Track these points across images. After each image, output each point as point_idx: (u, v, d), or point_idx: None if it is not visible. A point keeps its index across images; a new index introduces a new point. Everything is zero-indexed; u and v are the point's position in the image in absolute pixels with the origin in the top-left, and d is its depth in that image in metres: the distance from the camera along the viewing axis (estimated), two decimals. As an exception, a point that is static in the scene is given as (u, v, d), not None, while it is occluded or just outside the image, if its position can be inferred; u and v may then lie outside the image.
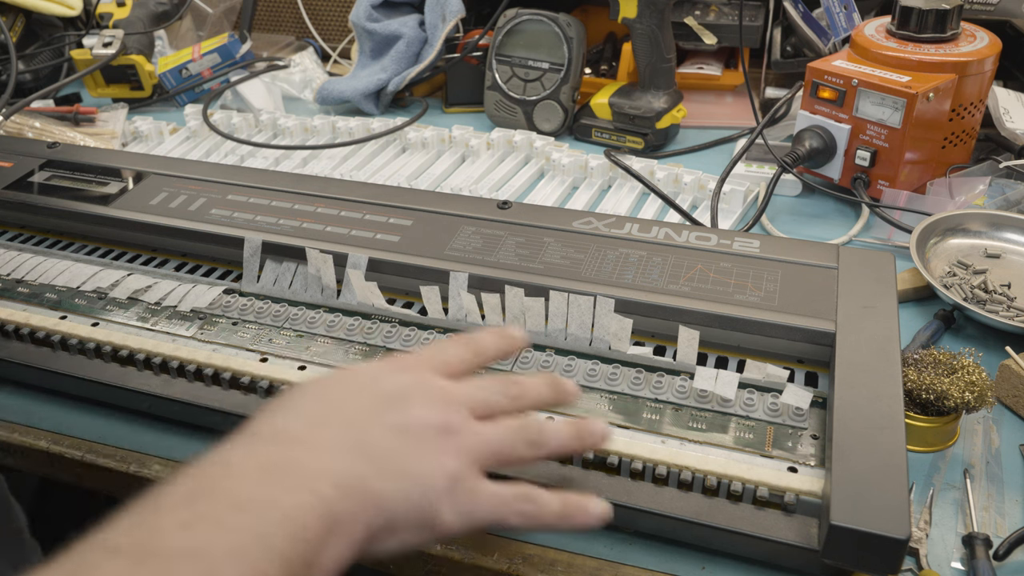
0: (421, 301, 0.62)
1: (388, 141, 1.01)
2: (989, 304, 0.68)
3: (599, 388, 0.56)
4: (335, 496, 0.36)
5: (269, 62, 1.20)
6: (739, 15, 1.01)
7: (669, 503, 0.49)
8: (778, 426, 0.52)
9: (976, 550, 0.49)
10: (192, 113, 1.07)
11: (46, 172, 0.78)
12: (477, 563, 0.50)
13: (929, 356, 0.58)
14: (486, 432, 0.42)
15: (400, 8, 1.15)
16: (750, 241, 0.64)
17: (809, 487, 0.48)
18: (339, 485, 0.36)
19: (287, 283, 0.66)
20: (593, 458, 0.51)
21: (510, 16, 1.02)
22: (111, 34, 1.12)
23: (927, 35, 0.82)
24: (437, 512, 0.38)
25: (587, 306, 0.58)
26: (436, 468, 0.39)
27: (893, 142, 0.80)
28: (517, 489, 0.41)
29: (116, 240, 0.74)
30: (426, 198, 0.71)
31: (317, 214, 0.69)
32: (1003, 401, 0.61)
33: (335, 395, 0.41)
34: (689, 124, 1.06)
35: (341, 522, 0.35)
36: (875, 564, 0.43)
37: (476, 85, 1.10)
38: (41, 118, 1.04)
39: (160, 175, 0.76)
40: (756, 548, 0.48)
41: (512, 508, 0.40)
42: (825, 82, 0.83)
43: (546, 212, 0.69)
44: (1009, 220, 0.76)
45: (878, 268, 0.60)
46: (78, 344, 0.61)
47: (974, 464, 0.56)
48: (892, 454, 0.46)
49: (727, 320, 0.57)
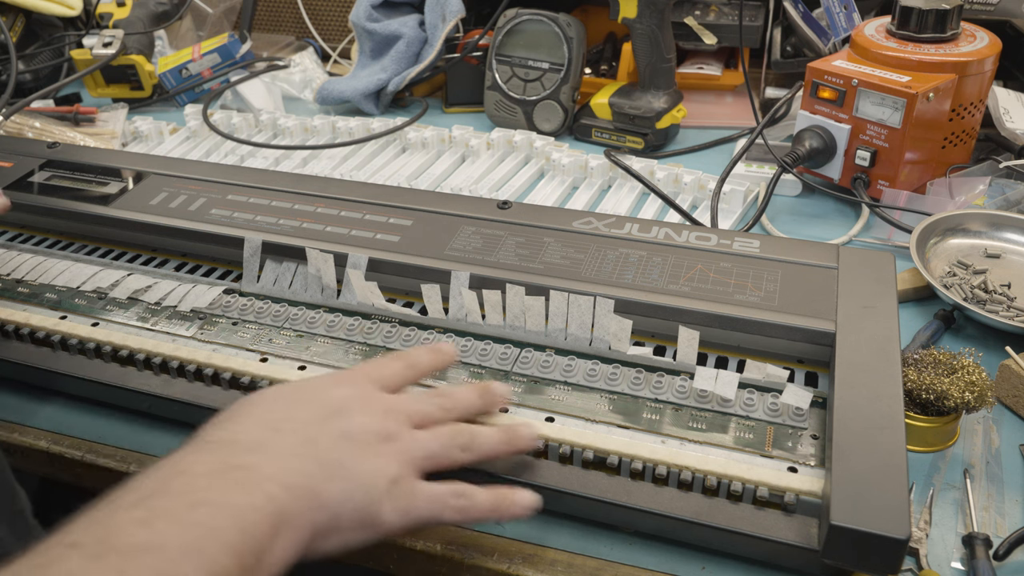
0: (421, 301, 0.62)
1: (388, 141, 1.01)
2: (989, 304, 0.68)
3: (599, 388, 0.56)
4: (284, 497, 0.38)
5: (269, 62, 1.20)
6: (739, 15, 1.01)
7: (669, 503, 0.49)
8: (778, 426, 0.52)
9: (976, 550, 0.49)
10: (192, 113, 1.07)
11: (46, 172, 0.78)
12: (477, 563, 0.50)
13: (929, 356, 0.58)
14: (422, 438, 0.45)
15: (400, 8, 1.15)
16: (750, 241, 0.64)
17: (809, 487, 0.48)
18: (287, 486, 0.39)
19: (287, 283, 0.66)
20: (593, 458, 0.51)
21: (510, 16, 1.02)
22: (111, 34, 1.12)
23: (927, 35, 0.82)
24: (378, 512, 0.41)
25: (587, 306, 0.58)
26: (377, 471, 0.42)
27: (893, 142, 0.80)
28: (452, 487, 0.44)
29: (116, 240, 0.74)
30: (426, 198, 0.71)
31: (317, 214, 0.69)
32: (1003, 401, 0.61)
33: (282, 406, 0.44)
34: (689, 124, 1.06)
35: (289, 521, 0.38)
36: (875, 564, 0.43)
37: (476, 85, 1.10)
38: (41, 118, 1.05)
39: (160, 175, 0.76)
40: (756, 548, 0.48)
41: (448, 504, 0.44)
42: (825, 82, 0.83)
43: (546, 212, 0.69)
44: (1009, 220, 0.76)
45: (878, 268, 0.60)
46: (78, 344, 0.61)
47: (974, 464, 0.56)
48: (892, 454, 0.46)
49: (727, 320, 0.57)
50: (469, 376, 0.57)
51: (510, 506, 0.45)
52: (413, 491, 0.43)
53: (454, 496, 0.44)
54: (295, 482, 0.39)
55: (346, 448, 0.42)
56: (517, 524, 0.52)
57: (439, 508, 0.44)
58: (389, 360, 0.50)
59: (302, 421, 0.43)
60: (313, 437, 0.42)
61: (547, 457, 0.52)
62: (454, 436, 0.46)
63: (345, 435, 0.43)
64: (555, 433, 0.51)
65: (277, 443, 0.41)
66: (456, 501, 0.44)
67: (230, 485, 0.38)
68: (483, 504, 0.45)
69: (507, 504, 0.45)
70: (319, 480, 0.40)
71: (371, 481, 0.42)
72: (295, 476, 0.40)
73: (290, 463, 0.40)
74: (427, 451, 0.45)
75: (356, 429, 0.43)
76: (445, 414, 0.48)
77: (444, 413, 0.48)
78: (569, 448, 0.51)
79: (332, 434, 0.43)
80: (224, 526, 0.36)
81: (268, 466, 0.39)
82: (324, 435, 0.42)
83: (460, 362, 0.58)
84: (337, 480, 0.41)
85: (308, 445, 0.41)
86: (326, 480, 0.40)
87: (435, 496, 0.44)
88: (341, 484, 0.41)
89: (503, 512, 0.45)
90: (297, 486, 0.39)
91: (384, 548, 0.52)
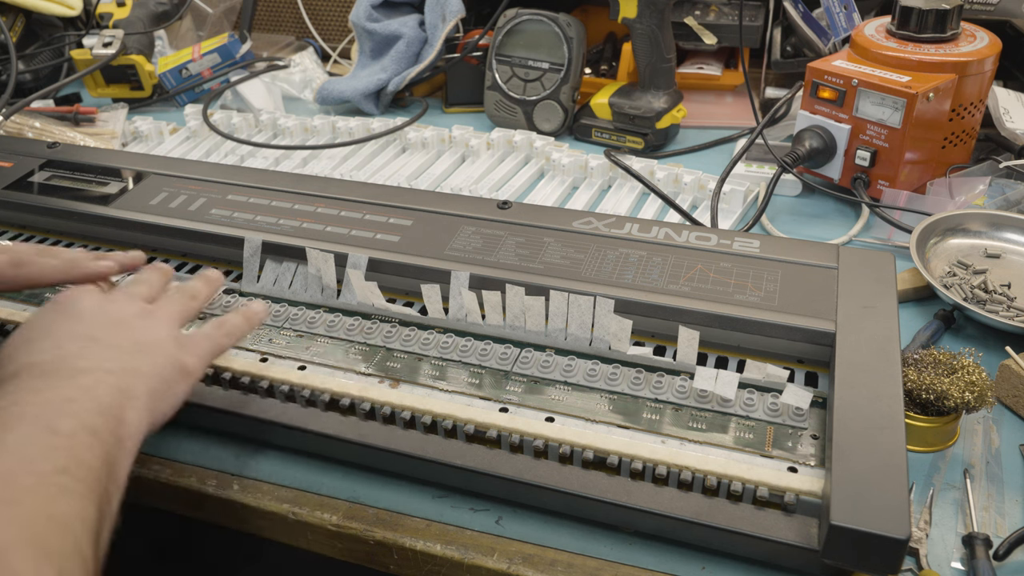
0: (421, 301, 0.62)
1: (388, 141, 1.01)
2: (989, 304, 0.68)
3: (599, 388, 0.56)
4: (113, 379, 0.46)
5: (269, 62, 1.20)
6: (739, 15, 1.01)
7: (669, 503, 0.49)
8: (778, 426, 0.52)
9: (976, 550, 0.49)
10: (192, 113, 1.07)
11: (46, 172, 0.78)
12: (477, 563, 0.50)
13: (929, 356, 0.58)
14: (164, 301, 0.55)
15: (400, 8, 1.15)
16: (750, 241, 0.64)
17: (809, 487, 0.48)
18: (110, 371, 0.46)
19: (287, 283, 0.66)
20: (593, 458, 0.51)
21: (510, 16, 1.02)
22: (111, 34, 1.12)
23: (927, 35, 0.82)
24: (181, 361, 0.50)
25: (587, 306, 0.58)
26: (161, 338, 0.51)
27: (893, 142, 0.80)
28: (211, 323, 0.55)
29: (116, 240, 0.74)
30: (426, 198, 0.71)
31: (317, 214, 0.69)
32: (1003, 401, 0.61)
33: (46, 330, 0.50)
34: (689, 124, 1.06)
35: (129, 393, 0.46)
36: (875, 564, 0.43)
37: (476, 85, 1.10)
38: (41, 118, 1.05)
39: (160, 175, 0.76)
40: (756, 548, 0.48)
41: (220, 333, 0.54)
42: (825, 82, 0.83)
43: (546, 212, 0.69)
44: (1009, 220, 0.76)
45: (878, 268, 0.60)
46: (78, 344, 0.61)
47: (974, 464, 0.56)
48: (892, 454, 0.46)
49: (727, 320, 0.57)
50: (469, 376, 0.57)
51: (253, 315, 0.57)
52: (191, 338, 0.52)
53: (216, 327, 0.54)
54: (113, 367, 0.46)
55: (126, 331, 0.50)
56: (517, 524, 0.52)
57: (215, 338, 0.54)
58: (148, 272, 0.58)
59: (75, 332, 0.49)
60: (93, 336, 0.48)
61: (547, 457, 0.52)
62: (179, 292, 0.56)
63: (116, 323, 0.50)
64: (555, 433, 0.51)
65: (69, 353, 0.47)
66: (220, 329, 0.54)
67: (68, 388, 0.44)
68: (238, 321, 0.56)
69: (251, 314, 0.57)
70: (128, 360, 0.47)
71: (163, 344, 0.50)
72: (110, 363, 0.46)
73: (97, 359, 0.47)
74: (173, 310, 0.54)
75: (128, 320, 0.51)
76: (163, 280, 0.57)
77: (163, 280, 0.57)
78: (569, 448, 0.51)
79: (106, 327, 0.50)
80: (79, 398, 0.43)
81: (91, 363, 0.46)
82: (100, 331, 0.49)
83: (461, 362, 0.58)
84: (139, 354, 0.48)
85: (94, 343, 0.48)
86: (132, 357, 0.48)
87: (205, 334, 0.53)
88: (146, 356, 0.48)
89: (253, 320, 0.57)
90: (117, 370, 0.46)
91: (384, 548, 0.52)
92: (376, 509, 0.54)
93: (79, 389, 0.44)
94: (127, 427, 0.44)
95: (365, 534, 0.52)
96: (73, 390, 0.44)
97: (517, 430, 0.52)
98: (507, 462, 0.52)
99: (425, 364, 0.58)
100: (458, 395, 0.56)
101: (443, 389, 0.56)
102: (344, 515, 0.53)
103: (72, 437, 0.41)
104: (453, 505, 0.53)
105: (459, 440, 0.53)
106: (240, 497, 0.55)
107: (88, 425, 0.42)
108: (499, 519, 0.52)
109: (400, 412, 0.54)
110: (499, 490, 0.53)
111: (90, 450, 0.41)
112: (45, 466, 0.39)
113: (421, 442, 0.53)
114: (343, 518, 0.53)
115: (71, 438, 0.41)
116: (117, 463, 0.43)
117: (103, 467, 0.41)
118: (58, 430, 0.41)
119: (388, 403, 0.54)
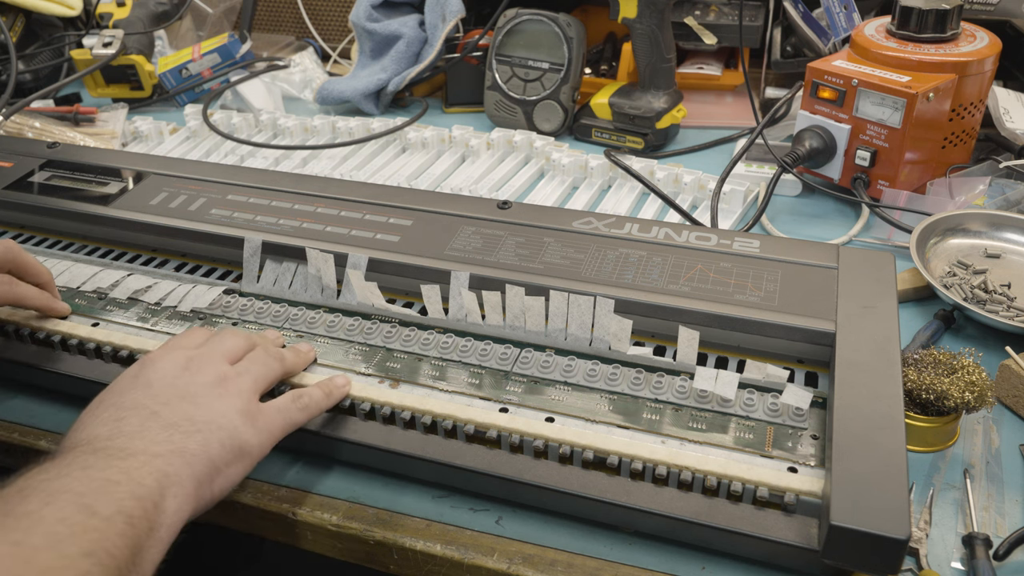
0: (421, 301, 0.62)
1: (388, 141, 1.01)
2: (989, 304, 0.68)
3: (599, 388, 0.56)
4: (158, 463, 0.44)
5: (269, 62, 1.20)
6: (739, 15, 1.01)
7: (669, 503, 0.49)
8: (778, 426, 0.52)
9: (976, 550, 0.49)
10: (192, 113, 1.07)
11: (46, 172, 0.78)
12: (477, 563, 0.50)
13: (929, 356, 0.58)
14: (243, 367, 0.52)
15: (400, 8, 1.15)
16: (750, 241, 0.64)
17: (809, 487, 0.48)
18: (156, 455, 0.44)
19: (287, 283, 0.66)
20: (593, 458, 0.51)
21: (510, 16, 1.02)
22: (111, 34, 1.12)
23: (927, 35, 0.82)
24: (242, 440, 0.47)
25: (587, 306, 0.58)
26: (224, 410, 0.48)
27: (893, 142, 0.80)
28: (289, 394, 0.52)
29: (116, 240, 0.74)
30: (426, 198, 0.71)
31: (317, 214, 0.69)
32: (1003, 401, 0.61)
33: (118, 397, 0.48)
34: (689, 124, 1.06)
35: (171, 479, 0.43)
36: (875, 564, 0.43)
37: (476, 85, 1.10)
38: (41, 118, 1.05)
39: (160, 175, 0.76)
40: (756, 548, 0.48)
41: (294, 408, 0.51)
42: (825, 82, 0.83)
43: (546, 212, 0.69)
44: (1009, 220, 0.76)
45: (878, 268, 0.60)
46: (78, 344, 0.61)
47: (974, 464, 0.56)
48: (892, 454, 0.46)
49: (727, 320, 0.57)
50: (469, 376, 0.57)
51: (335, 389, 0.54)
52: (261, 410, 0.50)
53: (294, 399, 0.52)
54: (160, 450, 0.44)
55: (189, 407, 0.47)
56: (517, 524, 0.52)
57: (288, 415, 0.51)
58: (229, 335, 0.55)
59: (139, 404, 0.47)
60: (154, 411, 0.47)
61: (547, 457, 0.52)
62: (266, 353, 0.54)
63: (182, 396, 0.48)
64: (555, 433, 0.51)
65: (126, 429, 0.45)
66: (297, 402, 0.52)
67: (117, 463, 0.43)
68: (318, 396, 0.53)
69: (333, 388, 0.54)
70: (179, 440, 0.45)
71: (223, 420, 0.47)
72: (158, 446, 0.45)
73: (159, 436, 0.45)
74: (253, 375, 0.51)
75: (194, 387, 0.49)
76: (249, 343, 0.54)
77: (248, 343, 0.54)
78: (569, 448, 0.51)
79: (177, 400, 0.48)
80: (123, 482, 0.42)
81: (141, 444, 0.44)
82: (162, 406, 0.47)
83: (460, 362, 0.58)
84: (194, 433, 0.46)
85: (153, 419, 0.46)
86: (185, 437, 0.46)
87: (280, 406, 0.51)
88: (199, 435, 0.46)
89: (334, 395, 0.54)
90: (170, 451, 0.44)
91: (384, 548, 0.52)
92: (376, 509, 0.54)
93: (124, 472, 0.42)
94: (164, 515, 0.42)
95: (365, 534, 0.52)
96: (118, 473, 0.42)
97: (517, 430, 0.52)
98: (507, 462, 0.52)
99: (425, 364, 0.58)
100: (458, 395, 0.56)
101: (443, 389, 0.56)
102: (344, 515, 0.53)
103: (108, 521, 0.40)
104: (453, 505, 0.53)
105: (459, 440, 0.53)
106: (240, 497, 0.55)
107: (125, 510, 0.41)
108: (499, 519, 0.52)
109: (400, 412, 0.54)
110: (499, 490, 0.53)
111: (122, 537, 0.40)
112: (72, 548, 0.38)
113: (421, 442, 0.53)
114: (343, 518, 0.53)
115: (107, 522, 0.40)
116: (144, 551, 0.41)
117: (129, 556, 0.40)
118: (96, 512, 0.40)
119: (388, 403, 0.54)
